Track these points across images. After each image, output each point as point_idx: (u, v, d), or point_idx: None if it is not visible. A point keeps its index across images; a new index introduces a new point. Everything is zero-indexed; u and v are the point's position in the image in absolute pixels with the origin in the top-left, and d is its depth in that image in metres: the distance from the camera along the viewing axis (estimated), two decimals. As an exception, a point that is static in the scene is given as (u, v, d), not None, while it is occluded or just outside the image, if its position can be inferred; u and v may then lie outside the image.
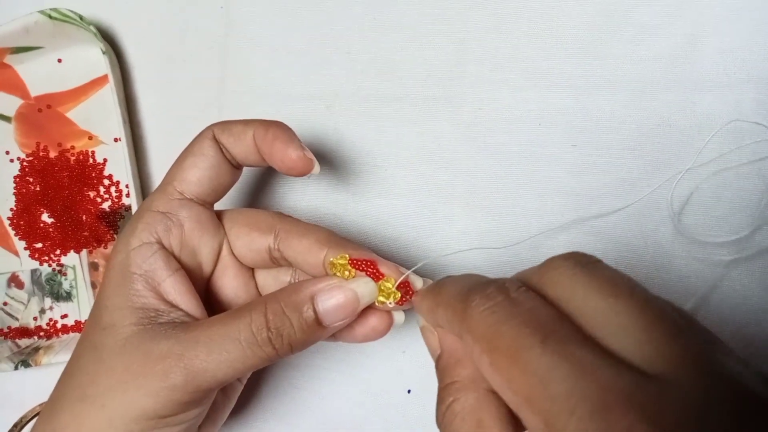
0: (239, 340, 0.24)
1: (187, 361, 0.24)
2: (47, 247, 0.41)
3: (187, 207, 0.28)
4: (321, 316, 0.25)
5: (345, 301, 0.25)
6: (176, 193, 0.28)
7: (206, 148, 0.28)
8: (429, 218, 0.35)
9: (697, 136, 0.32)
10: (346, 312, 0.25)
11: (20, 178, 0.41)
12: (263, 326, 0.24)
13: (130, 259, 0.27)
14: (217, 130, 0.28)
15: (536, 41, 0.34)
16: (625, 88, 0.33)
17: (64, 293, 0.41)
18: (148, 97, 0.40)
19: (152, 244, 0.27)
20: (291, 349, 0.25)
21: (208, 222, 0.29)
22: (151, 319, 0.26)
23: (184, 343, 0.24)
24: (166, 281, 0.27)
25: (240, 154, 0.28)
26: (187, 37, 0.39)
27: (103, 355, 0.25)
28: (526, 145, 0.34)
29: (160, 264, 0.27)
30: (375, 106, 0.36)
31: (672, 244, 0.32)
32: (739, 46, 0.31)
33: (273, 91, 0.37)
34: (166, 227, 0.27)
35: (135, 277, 0.26)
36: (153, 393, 0.24)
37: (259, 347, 0.24)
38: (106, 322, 0.26)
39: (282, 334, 0.25)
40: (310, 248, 0.27)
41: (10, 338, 0.41)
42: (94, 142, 0.41)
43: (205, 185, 0.28)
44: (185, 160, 0.28)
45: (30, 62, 0.41)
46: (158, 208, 0.28)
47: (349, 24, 0.36)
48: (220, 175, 0.28)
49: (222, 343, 0.24)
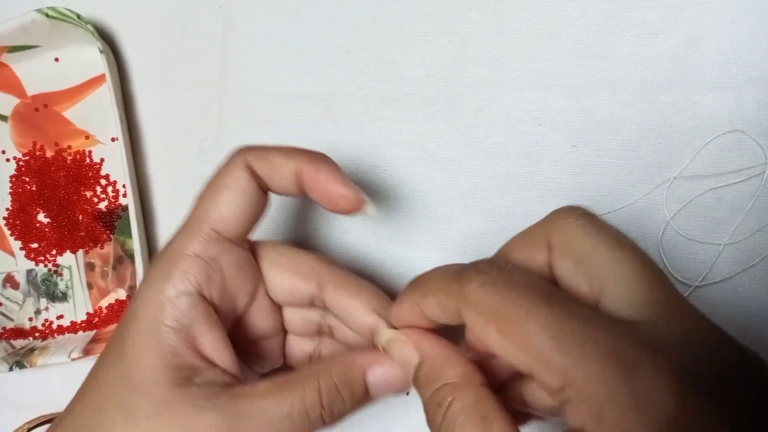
0: (292, 417, 0.23)
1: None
2: (43, 247, 0.41)
3: (227, 251, 0.26)
4: (371, 390, 0.25)
5: (397, 377, 0.25)
6: (214, 233, 0.25)
7: (242, 180, 0.25)
8: (428, 219, 0.35)
9: (698, 138, 0.32)
10: (396, 387, 0.25)
11: (16, 177, 0.41)
12: (317, 404, 0.23)
13: (165, 311, 0.24)
14: (252, 158, 0.26)
15: (536, 41, 0.34)
16: (625, 89, 0.32)
17: (59, 294, 0.41)
18: (146, 97, 0.40)
19: (192, 295, 0.24)
20: (340, 421, 0.25)
21: (246, 265, 0.27)
22: (187, 379, 0.24)
23: (232, 417, 0.23)
24: (205, 336, 0.25)
25: (279, 186, 0.26)
26: (186, 36, 0.39)
27: (138, 421, 0.23)
28: (526, 146, 0.34)
29: (200, 318, 0.24)
30: (374, 106, 0.36)
31: (671, 245, 0.32)
32: (741, 46, 0.31)
33: (272, 90, 0.37)
34: (207, 275, 0.25)
35: (170, 332, 0.24)
36: None
37: (310, 422, 0.24)
38: (138, 382, 0.23)
39: (334, 412, 0.24)
40: (360, 311, 0.26)
41: (5, 339, 0.40)
42: (91, 141, 0.40)
43: (244, 223, 0.26)
44: (220, 194, 0.25)
45: (27, 61, 0.41)
46: (196, 252, 0.25)
47: (348, 23, 0.36)
48: (257, 209, 0.26)
49: (273, 418, 0.23)
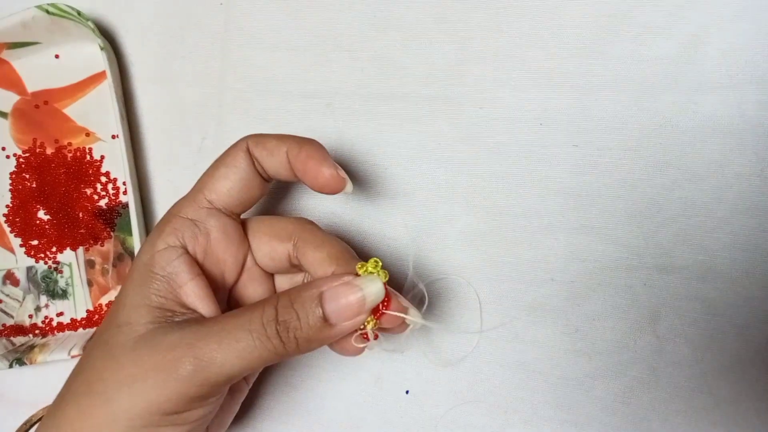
0: (249, 331, 0.24)
1: (198, 351, 0.24)
2: (43, 244, 0.41)
3: (215, 217, 0.28)
4: (328, 314, 0.25)
5: (353, 299, 0.25)
6: (205, 202, 0.28)
7: (239, 159, 0.28)
8: (429, 218, 0.35)
9: (699, 137, 0.32)
10: (353, 311, 0.25)
11: (16, 174, 0.41)
12: (273, 318, 0.25)
13: (154, 260, 0.27)
14: (252, 142, 0.28)
15: (538, 41, 0.34)
16: (627, 89, 0.32)
17: (59, 291, 0.41)
18: (147, 94, 0.40)
19: (177, 248, 0.27)
20: (297, 345, 0.25)
21: (234, 233, 0.29)
22: (167, 318, 0.26)
23: (195, 333, 0.25)
24: (187, 285, 0.27)
25: (272, 168, 0.29)
26: (187, 33, 0.39)
27: (114, 352, 0.25)
28: (527, 145, 0.34)
29: (183, 268, 0.27)
30: (375, 105, 0.36)
31: (672, 245, 0.32)
32: (742, 46, 0.31)
33: (273, 88, 0.37)
34: (193, 234, 0.28)
35: (157, 278, 0.27)
36: (160, 384, 0.24)
37: (268, 339, 0.24)
38: (121, 320, 0.26)
39: (289, 328, 0.25)
40: (322, 262, 0.27)
41: (4, 336, 0.40)
42: (92, 138, 0.40)
43: (235, 196, 0.28)
44: (217, 170, 0.28)
45: (27, 58, 0.40)
46: (186, 215, 0.28)
47: (350, 22, 0.36)
48: (251, 188, 0.29)
49: (233, 333, 0.24)
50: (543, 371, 0.33)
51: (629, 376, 0.32)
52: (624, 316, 0.32)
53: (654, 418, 0.32)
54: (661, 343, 0.32)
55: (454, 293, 0.34)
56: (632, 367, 0.32)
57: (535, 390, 0.33)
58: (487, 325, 0.34)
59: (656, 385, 0.32)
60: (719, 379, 0.31)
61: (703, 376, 0.32)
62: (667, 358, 0.32)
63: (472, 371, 0.34)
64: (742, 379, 0.31)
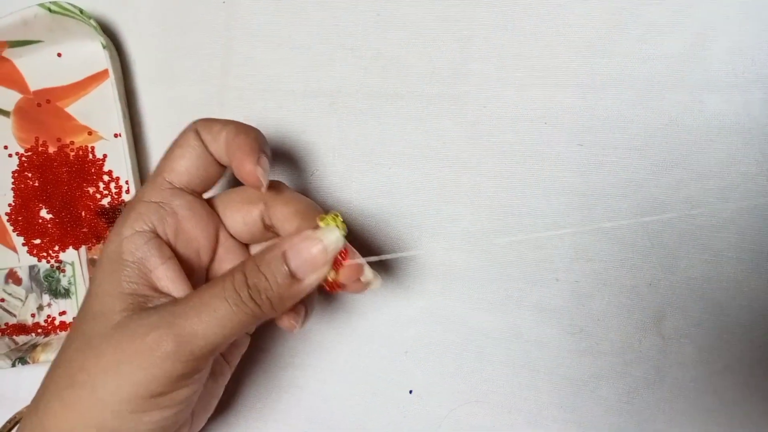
0: (224, 298, 0.25)
1: (178, 328, 0.24)
2: (46, 243, 0.41)
3: (178, 196, 0.29)
4: (294, 269, 0.25)
5: (315, 251, 0.25)
6: (166, 183, 0.28)
7: (191, 140, 0.29)
8: (432, 217, 0.35)
9: (704, 136, 0.31)
10: (317, 262, 0.25)
11: (19, 173, 0.41)
12: (243, 283, 0.25)
13: (123, 247, 0.27)
14: (200, 125, 0.29)
15: (542, 39, 0.33)
16: (632, 87, 0.32)
17: (62, 290, 0.41)
18: (149, 93, 0.40)
19: (145, 233, 0.27)
20: (272, 305, 0.25)
21: (200, 209, 0.29)
22: (140, 304, 0.26)
23: (173, 311, 0.25)
24: (159, 268, 0.27)
25: (216, 152, 0.29)
26: (189, 31, 0.39)
27: (92, 342, 0.25)
28: (531, 144, 0.33)
29: (153, 251, 0.27)
30: (378, 104, 0.35)
31: (678, 245, 0.32)
32: (749, 45, 0.31)
33: (275, 86, 0.37)
34: (160, 216, 0.28)
35: (127, 264, 0.27)
36: (145, 366, 0.24)
37: (243, 303, 0.25)
38: (96, 310, 0.26)
39: (260, 290, 0.25)
40: (290, 217, 0.28)
41: (7, 335, 0.40)
42: (94, 137, 0.40)
43: (193, 175, 0.29)
44: (173, 152, 0.29)
45: (29, 56, 0.40)
46: (150, 198, 0.28)
47: (353, 20, 0.36)
48: (207, 166, 0.29)
49: (210, 303, 0.25)
50: (547, 371, 0.33)
51: (634, 376, 0.32)
52: (629, 316, 0.32)
53: (659, 418, 0.32)
54: (666, 343, 0.32)
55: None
56: (637, 367, 0.32)
57: (540, 390, 0.33)
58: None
59: (661, 385, 0.32)
60: (724, 380, 0.31)
61: (709, 376, 0.31)
62: (672, 359, 0.32)
63: (476, 371, 0.34)
64: (747, 380, 0.31)
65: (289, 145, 0.37)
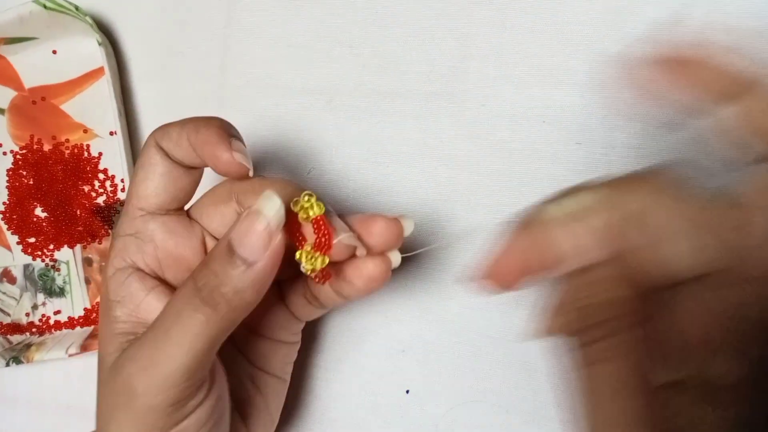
0: (176, 315, 0.23)
1: (139, 362, 0.23)
2: (40, 242, 0.41)
3: (152, 220, 0.27)
4: (244, 255, 0.23)
5: (260, 227, 0.23)
6: (137, 211, 0.27)
7: (153, 156, 0.27)
8: (430, 216, 0.35)
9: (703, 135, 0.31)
10: (264, 239, 0.23)
11: (13, 171, 0.41)
12: (193, 290, 0.23)
13: (108, 289, 0.27)
14: (157, 136, 0.27)
15: (541, 37, 0.33)
16: (630, 86, 0.32)
17: (57, 289, 0.41)
18: (145, 90, 0.39)
19: (125, 269, 0.27)
20: (229, 301, 0.23)
21: (178, 227, 0.28)
22: (129, 342, 0.25)
23: (135, 345, 0.24)
24: (144, 301, 0.26)
25: (184, 158, 0.27)
26: (186, 28, 0.39)
27: (100, 388, 0.26)
28: (529, 143, 0.33)
29: (135, 286, 0.26)
30: (376, 102, 0.35)
31: (677, 244, 0.32)
32: (748, 45, 0.31)
33: (273, 84, 0.37)
34: (138, 248, 0.27)
35: (114, 305, 0.26)
36: (134, 407, 0.23)
37: (196, 313, 0.23)
38: (100, 354, 0.26)
39: (212, 289, 0.23)
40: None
41: (1, 334, 0.40)
42: (89, 135, 0.40)
43: (163, 194, 0.27)
44: (137, 175, 0.27)
45: (24, 53, 0.40)
46: (125, 232, 0.27)
47: (351, 17, 0.36)
48: (176, 180, 0.27)
49: (162, 325, 0.23)
50: (545, 371, 0.33)
51: (632, 376, 0.32)
52: (627, 315, 0.32)
53: (657, 418, 0.32)
54: (665, 342, 0.32)
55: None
56: (635, 366, 0.32)
57: (537, 389, 0.33)
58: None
59: (659, 385, 0.32)
60: (723, 380, 0.31)
61: (707, 376, 0.31)
62: (671, 358, 0.32)
63: (473, 370, 0.34)
64: (746, 380, 0.31)
65: (286, 142, 0.37)
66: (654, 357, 0.19)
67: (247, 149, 0.27)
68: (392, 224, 0.25)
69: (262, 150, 0.37)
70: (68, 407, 0.40)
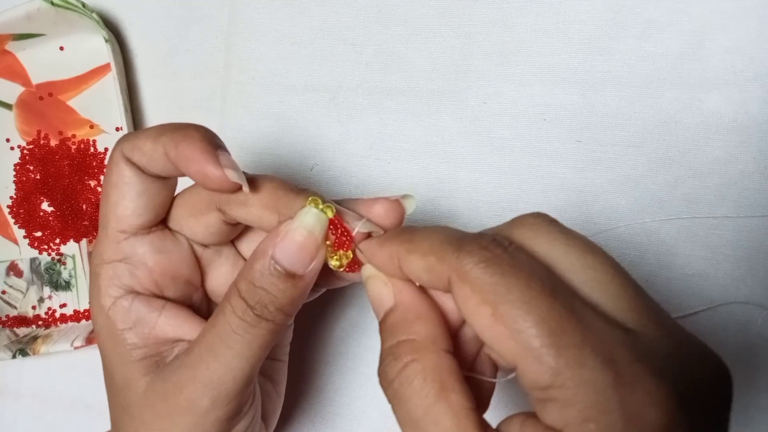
0: (233, 332, 0.23)
1: (202, 379, 0.24)
2: (47, 236, 0.41)
3: (138, 244, 0.26)
4: (292, 269, 0.23)
5: (302, 239, 0.23)
6: (119, 235, 0.25)
7: (124, 174, 0.25)
8: (431, 212, 0.35)
9: (703, 134, 0.32)
10: (310, 251, 0.23)
11: (20, 166, 0.41)
12: (245, 307, 0.23)
13: (111, 320, 0.25)
14: (126, 150, 0.25)
15: (543, 36, 0.34)
16: (631, 85, 0.32)
17: (63, 282, 0.41)
18: (151, 86, 0.40)
19: (125, 297, 0.25)
20: (284, 314, 0.24)
21: (166, 243, 0.26)
22: (158, 363, 0.25)
23: (190, 364, 0.24)
24: (158, 322, 0.25)
25: (161, 172, 0.25)
26: (191, 26, 0.39)
27: (133, 413, 0.25)
28: (530, 140, 0.34)
29: (144, 310, 0.25)
30: (379, 99, 0.36)
31: (675, 241, 0.32)
32: (747, 43, 0.31)
33: (276, 81, 0.37)
34: (130, 273, 0.26)
35: (125, 334, 0.25)
36: (191, 423, 0.24)
37: (254, 328, 0.23)
38: (120, 383, 0.25)
39: (266, 305, 0.23)
40: (260, 216, 0.25)
41: (8, 327, 0.40)
42: (96, 130, 0.40)
43: (143, 213, 0.25)
44: (109, 196, 0.25)
45: (32, 49, 0.40)
46: (111, 258, 0.25)
47: (354, 15, 0.36)
48: (154, 195, 0.25)
49: (222, 342, 0.23)
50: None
51: (630, 372, 0.32)
52: (626, 312, 0.32)
53: (654, 414, 0.32)
54: (663, 339, 0.32)
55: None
56: (633, 363, 0.32)
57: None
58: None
59: (657, 381, 0.32)
60: (720, 376, 0.31)
61: (704, 372, 0.32)
62: (669, 355, 0.32)
63: (474, 366, 0.34)
64: (744, 379, 0.31)
65: (290, 139, 0.37)
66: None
67: (235, 158, 0.25)
68: (394, 205, 0.25)
69: (265, 146, 0.37)
70: (73, 400, 0.41)
